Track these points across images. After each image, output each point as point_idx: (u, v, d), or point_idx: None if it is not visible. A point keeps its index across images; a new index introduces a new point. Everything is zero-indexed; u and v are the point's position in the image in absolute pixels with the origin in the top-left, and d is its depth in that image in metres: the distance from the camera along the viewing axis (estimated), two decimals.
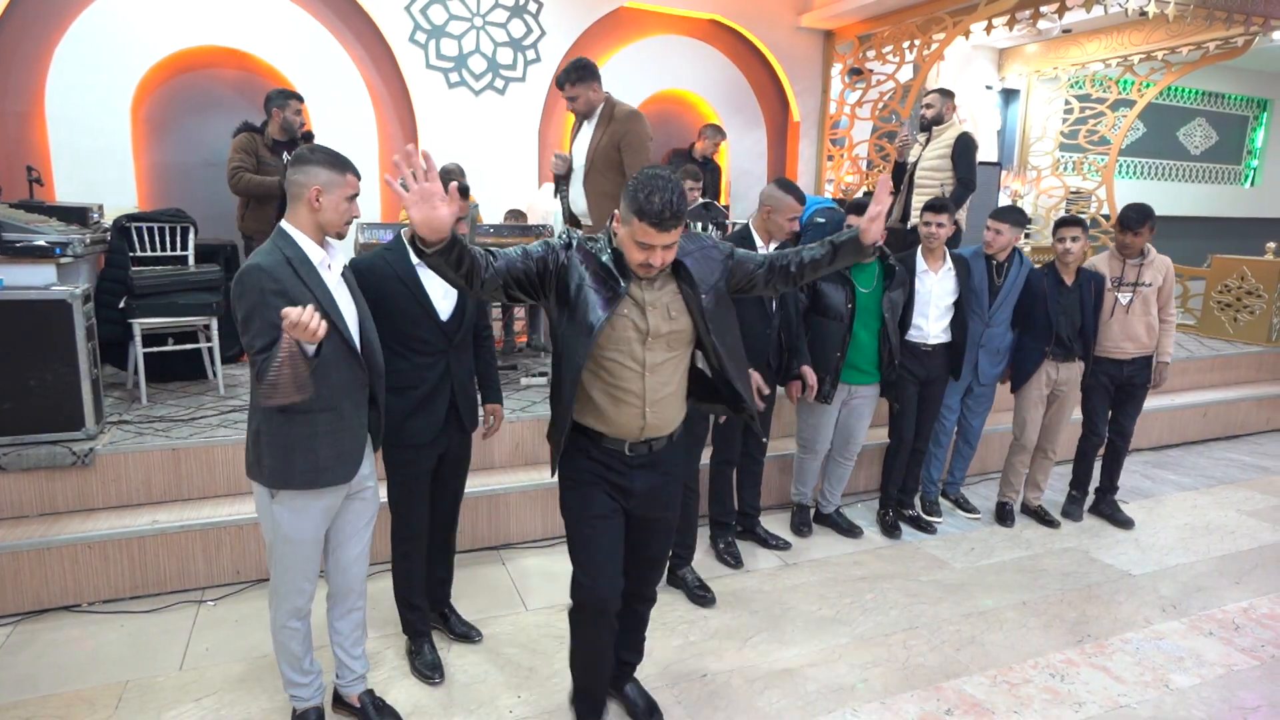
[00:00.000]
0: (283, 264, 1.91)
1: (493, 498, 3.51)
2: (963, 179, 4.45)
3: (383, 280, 2.29)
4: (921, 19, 5.99)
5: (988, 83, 8.41)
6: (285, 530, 2.04)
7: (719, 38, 6.54)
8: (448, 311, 2.39)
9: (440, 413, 2.43)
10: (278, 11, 5.04)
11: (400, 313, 2.32)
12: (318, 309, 1.83)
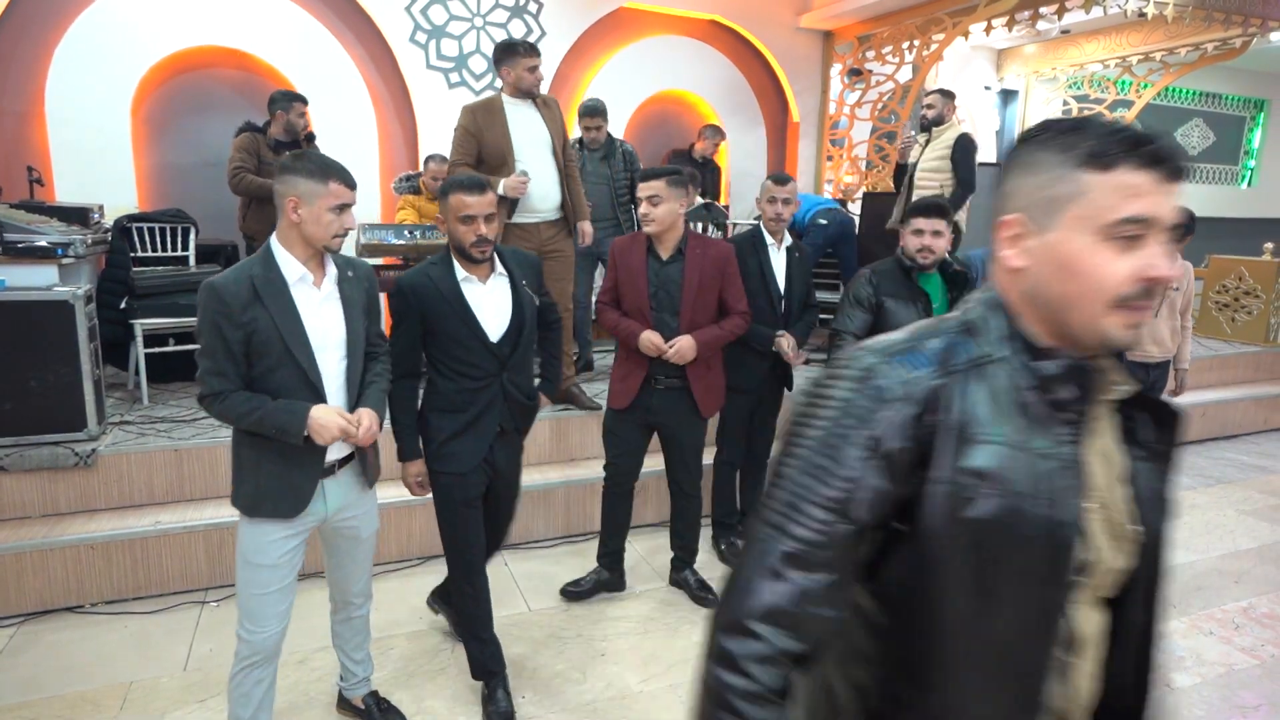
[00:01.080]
0: (243, 283, 1.79)
1: None
2: (963, 180, 4.45)
3: (426, 299, 2.15)
4: (921, 20, 6.00)
5: (986, 83, 8.42)
6: (244, 549, 1.94)
7: (718, 38, 6.54)
8: (499, 332, 2.23)
9: (486, 439, 2.28)
10: (278, 11, 5.03)
11: (446, 334, 2.18)
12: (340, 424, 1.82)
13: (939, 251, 2.76)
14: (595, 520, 3.67)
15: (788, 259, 3.25)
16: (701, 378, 2.90)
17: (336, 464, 1.98)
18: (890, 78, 6.43)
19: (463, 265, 2.20)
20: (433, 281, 2.16)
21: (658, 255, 2.82)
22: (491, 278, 2.25)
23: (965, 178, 4.47)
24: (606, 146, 4.47)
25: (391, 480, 3.51)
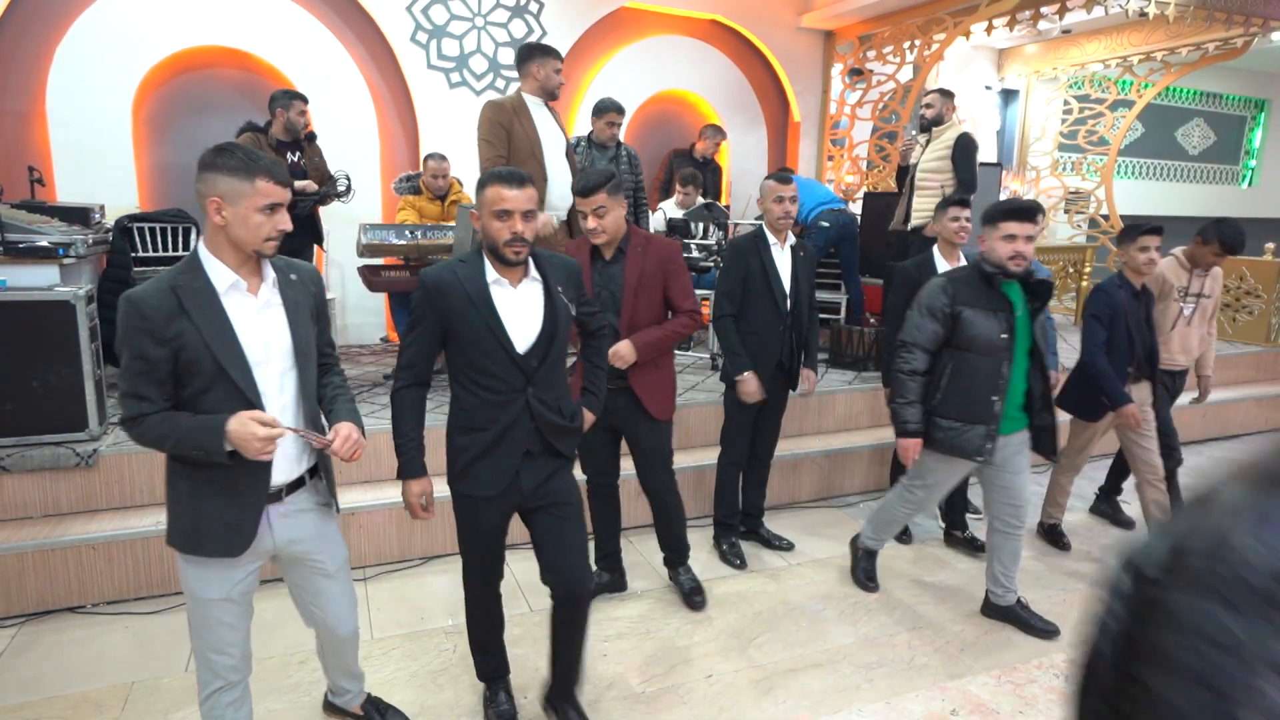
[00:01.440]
0: (165, 295, 1.60)
1: None
2: (963, 180, 4.43)
3: (450, 298, 1.94)
4: (922, 19, 6.00)
5: (987, 83, 8.42)
6: (189, 586, 1.77)
7: (720, 38, 6.54)
8: (526, 343, 1.98)
9: (511, 463, 2.03)
10: (279, 11, 5.04)
11: (469, 340, 1.96)
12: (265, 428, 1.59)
13: (1031, 258, 2.57)
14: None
15: (793, 258, 3.19)
16: (644, 379, 2.75)
17: (284, 489, 1.78)
18: (891, 77, 6.43)
19: (495, 266, 1.98)
20: (459, 280, 1.95)
21: (602, 255, 2.72)
22: (524, 282, 2.01)
23: (966, 178, 4.44)
24: (614, 149, 4.47)
25: (390, 480, 3.53)
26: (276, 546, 1.82)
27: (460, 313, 1.94)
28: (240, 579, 1.78)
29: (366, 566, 3.32)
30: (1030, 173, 8.39)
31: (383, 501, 3.34)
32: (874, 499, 4.17)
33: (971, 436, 2.67)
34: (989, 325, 2.59)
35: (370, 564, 3.33)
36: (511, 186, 1.91)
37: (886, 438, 4.38)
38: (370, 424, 3.59)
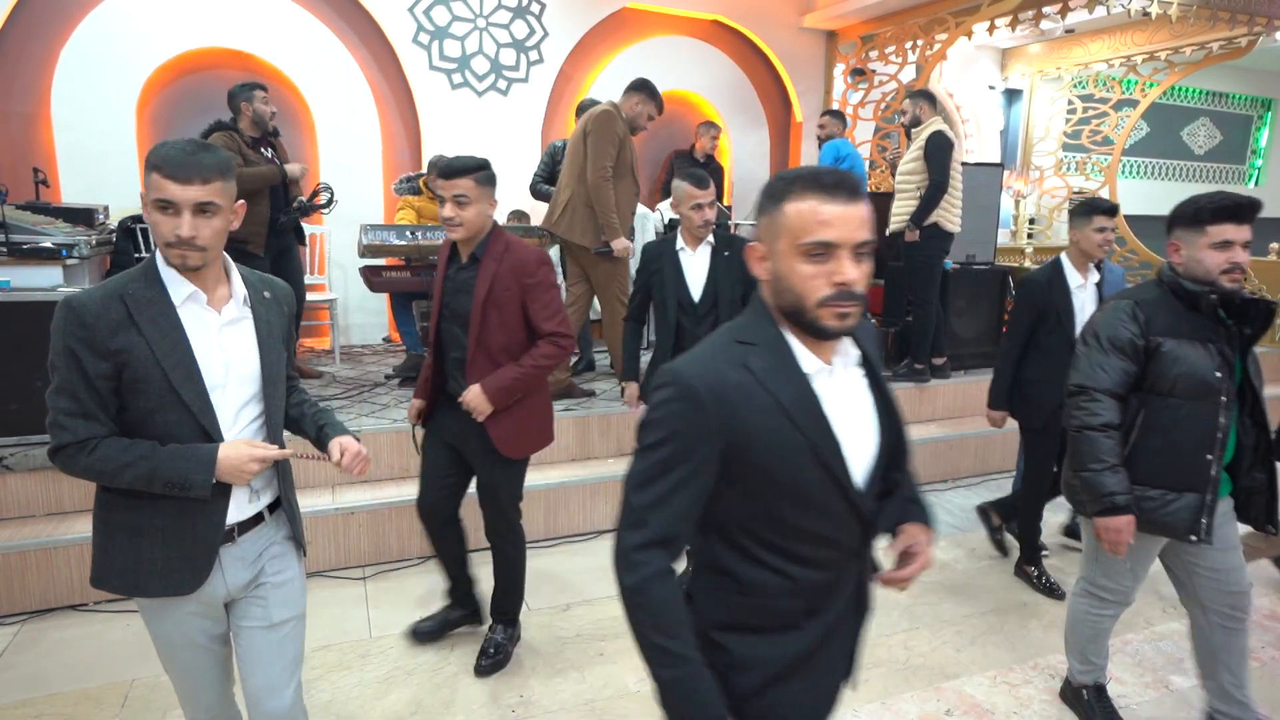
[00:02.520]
0: (112, 301, 1.41)
1: None
2: (933, 179, 4.34)
3: (749, 412, 1.09)
4: (924, 19, 5.99)
5: (991, 83, 8.39)
6: (149, 627, 1.57)
7: (721, 38, 6.55)
8: (864, 470, 1.16)
9: (832, 683, 1.27)
10: (282, 13, 5.07)
11: (779, 479, 1.11)
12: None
13: (1248, 269, 2.01)
14: (599, 520, 3.70)
15: (713, 261, 2.94)
16: (499, 413, 2.36)
17: (237, 529, 1.54)
18: (893, 78, 6.42)
19: (806, 342, 1.14)
20: (756, 378, 1.10)
21: (459, 258, 2.39)
22: (839, 361, 1.17)
23: (936, 177, 4.32)
24: None
25: (390, 479, 3.56)
26: (230, 592, 1.56)
27: (769, 432, 1.09)
28: (205, 626, 1.57)
29: (366, 565, 3.34)
30: (1034, 172, 8.37)
31: (382, 501, 3.36)
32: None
33: (1180, 509, 2.01)
34: (1199, 360, 1.97)
35: (369, 563, 3.35)
36: (838, 200, 1.06)
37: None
38: (370, 424, 3.62)
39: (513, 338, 2.36)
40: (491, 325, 2.33)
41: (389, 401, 4.03)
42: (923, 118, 4.47)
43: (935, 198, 4.35)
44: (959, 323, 5.02)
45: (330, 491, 3.44)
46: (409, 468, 3.64)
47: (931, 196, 4.35)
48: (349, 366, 4.88)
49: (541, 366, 2.37)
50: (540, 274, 2.35)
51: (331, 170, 5.34)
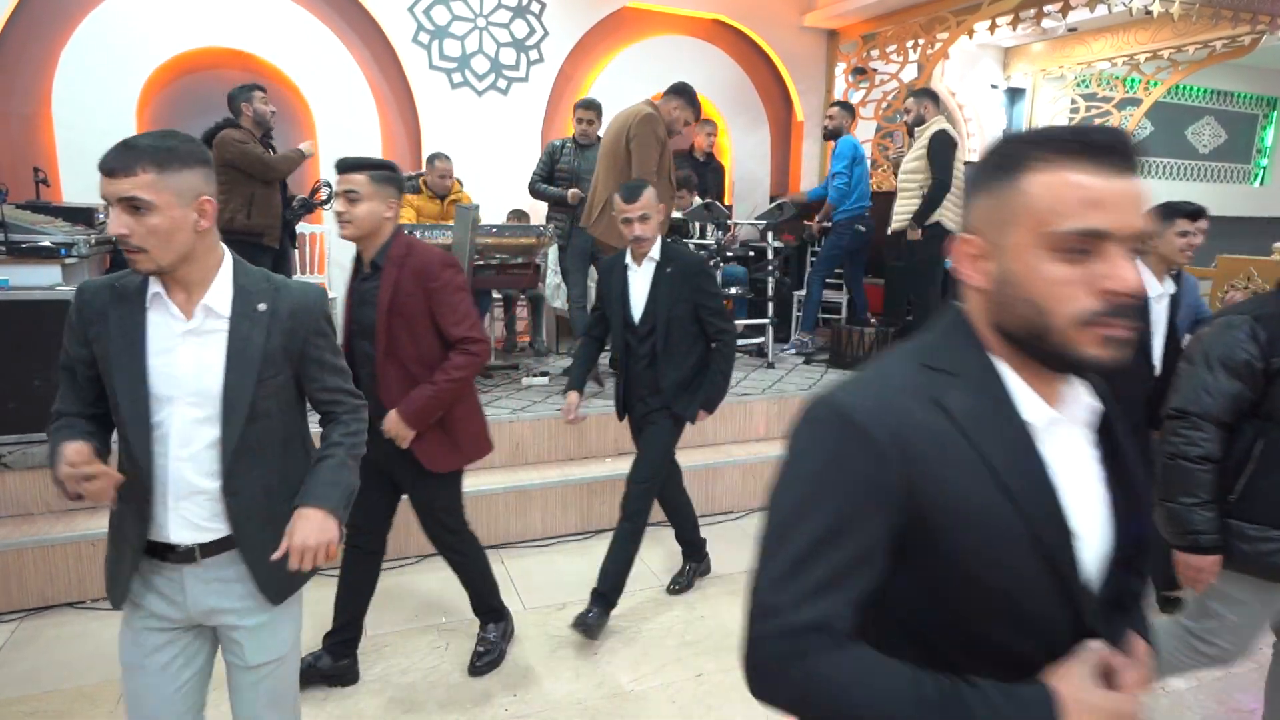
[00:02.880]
0: (103, 289, 1.38)
1: (491, 497, 3.53)
2: (937, 178, 4.35)
3: (944, 466, 0.76)
4: (925, 18, 5.97)
5: (993, 82, 8.37)
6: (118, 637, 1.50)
7: (722, 37, 6.54)
8: (1097, 553, 0.83)
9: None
10: (281, 13, 5.08)
11: (976, 568, 0.76)
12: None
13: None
14: (595, 519, 3.70)
15: (655, 277, 2.72)
16: (423, 430, 2.24)
17: (199, 550, 1.41)
18: (894, 76, 6.41)
19: (1033, 381, 0.82)
20: (955, 423, 0.78)
21: (363, 268, 2.25)
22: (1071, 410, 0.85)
23: (939, 176, 4.34)
24: (596, 144, 4.49)
25: None
26: (192, 614, 1.44)
27: (968, 501, 0.76)
28: (160, 645, 1.45)
29: None
30: None
31: None
32: None
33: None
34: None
35: None
36: (1111, 170, 0.74)
37: None
38: None
39: (425, 347, 2.21)
40: (399, 336, 2.17)
41: None
42: (926, 116, 4.46)
43: (939, 197, 4.36)
44: None
45: None
46: None
47: (935, 196, 4.35)
48: None
49: (457, 380, 2.21)
50: (445, 277, 2.19)
51: (331, 169, 5.34)
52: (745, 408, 4.26)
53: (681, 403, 2.75)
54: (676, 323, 2.70)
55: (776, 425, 4.33)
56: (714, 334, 2.76)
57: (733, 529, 3.79)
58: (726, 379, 2.81)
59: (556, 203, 4.46)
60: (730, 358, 2.80)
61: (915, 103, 4.49)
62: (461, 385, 2.24)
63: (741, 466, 3.97)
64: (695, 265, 2.73)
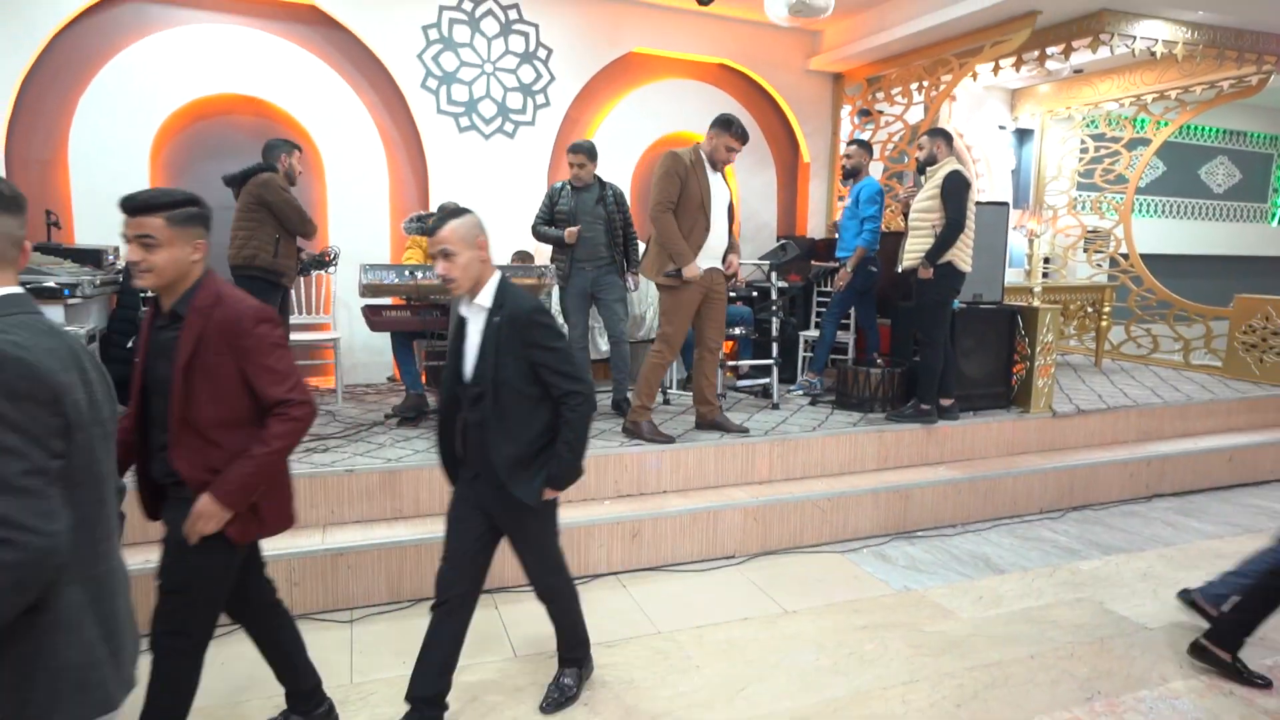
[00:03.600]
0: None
1: None
2: (950, 219, 4.33)
3: None
4: (928, 61, 6.03)
5: (1001, 122, 8.40)
6: None
7: (728, 81, 6.63)
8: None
9: None
10: (293, 60, 5.21)
11: None
12: None
13: None
14: (593, 563, 3.62)
15: (485, 329, 2.24)
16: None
17: None
18: (899, 118, 6.44)
19: None
20: None
21: (160, 313, 1.93)
22: None
23: (953, 216, 4.33)
24: (598, 188, 4.51)
25: (382, 520, 3.52)
26: None
27: None
28: None
29: (354, 608, 3.28)
30: (1047, 211, 8.31)
31: (373, 542, 3.32)
32: (879, 543, 4.05)
33: None
34: None
35: (359, 605, 3.30)
36: None
37: (892, 481, 4.28)
38: (364, 463, 3.58)
39: (229, 410, 1.90)
40: (199, 397, 1.86)
41: (385, 441, 4.01)
42: (939, 156, 4.46)
43: (952, 237, 4.33)
44: (967, 363, 4.93)
45: (320, 531, 3.41)
46: (402, 508, 3.61)
47: (948, 235, 4.33)
48: (351, 405, 4.89)
49: (278, 450, 1.92)
50: (259, 332, 1.90)
51: (339, 211, 5.42)
52: (748, 449, 4.20)
53: (518, 482, 2.24)
54: (506, 386, 2.21)
55: (780, 467, 4.26)
56: (560, 396, 2.23)
57: (734, 574, 3.70)
58: (577, 452, 2.28)
59: (556, 244, 4.48)
60: (583, 424, 2.26)
61: (929, 141, 4.49)
62: (283, 455, 1.96)
63: (743, 509, 3.89)
64: (524, 314, 2.20)
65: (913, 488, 4.29)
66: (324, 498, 3.50)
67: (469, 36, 5.57)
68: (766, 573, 3.72)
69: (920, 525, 4.31)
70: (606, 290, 4.53)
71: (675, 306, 4.04)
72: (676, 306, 4.04)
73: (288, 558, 3.16)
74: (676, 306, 4.04)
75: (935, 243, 4.36)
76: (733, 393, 5.37)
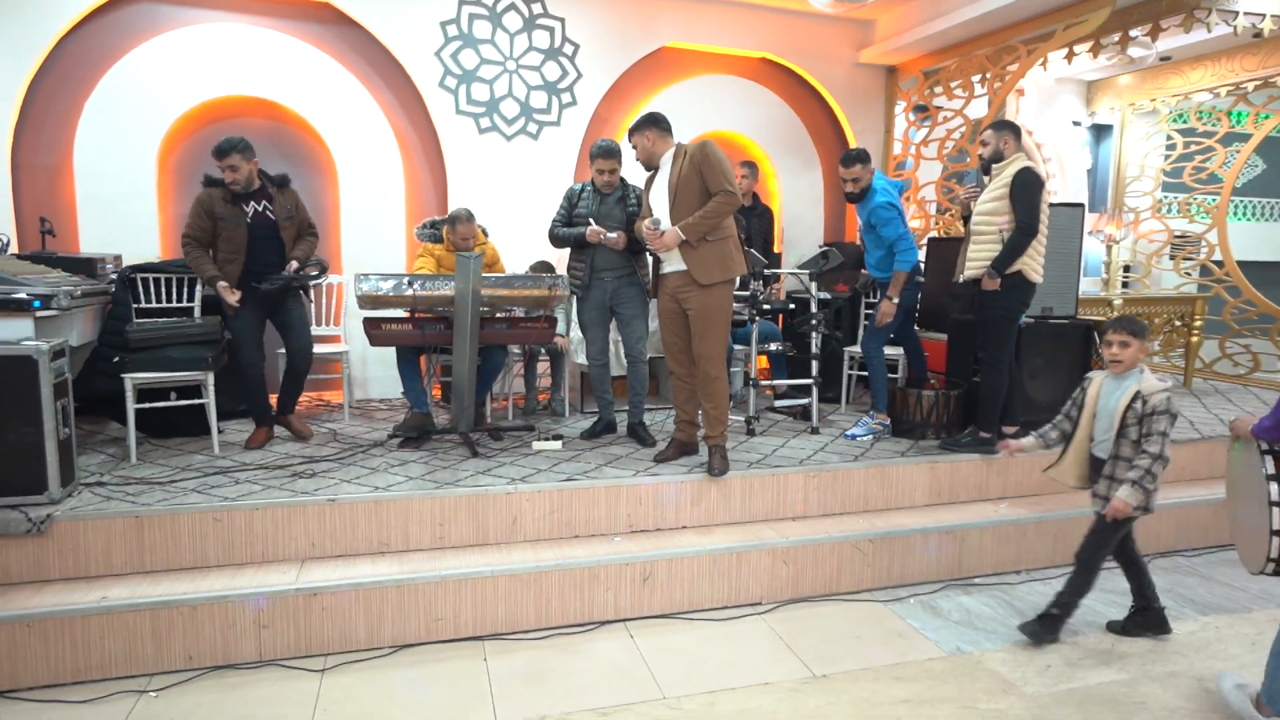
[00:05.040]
0: None
1: (477, 581, 3.10)
2: (1021, 222, 3.77)
3: None
4: (992, 49, 5.46)
5: (1075, 118, 7.70)
6: None
7: (770, 76, 6.18)
8: None
9: None
10: (305, 59, 4.99)
11: None
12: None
13: None
14: (598, 608, 3.23)
15: None
16: None
17: None
18: (959, 113, 5.88)
19: None
20: None
21: None
22: None
23: (1023, 219, 3.76)
24: (620, 188, 4.14)
25: (365, 554, 3.19)
26: None
27: None
28: None
29: (329, 654, 2.96)
30: (1128, 215, 7.57)
31: (352, 580, 2.99)
32: (929, 592, 3.54)
33: None
34: None
35: (334, 651, 2.97)
36: None
37: (945, 519, 3.76)
38: (348, 492, 3.26)
39: None
40: None
41: (379, 466, 3.70)
42: (1006, 152, 3.90)
43: (1023, 243, 3.78)
44: (1035, 385, 4.36)
45: (297, 567, 3.10)
46: (389, 541, 3.28)
47: (1019, 241, 3.77)
48: (357, 423, 4.61)
49: None
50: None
51: (352, 218, 5.19)
52: (780, 481, 3.74)
53: None
54: None
55: (816, 502, 3.79)
56: None
57: (758, 625, 3.25)
58: None
59: (575, 244, 4.10)
60: None
61: (994, 135, 3.93)
62: None
63: (771, 550, 3.44)
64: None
65: (969, 528, 3.75)
66: (303, 530, 3.20)
67: (490, 32, 5.28)
68: (796, 624, 3.26)
69: (978, 572, 3.77)
70: (626, 304, 4.13)
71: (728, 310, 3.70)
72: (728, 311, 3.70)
73: (255, 597, 2.87)
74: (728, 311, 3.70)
75: (1003, 249, 3.83)
76: (769, 414, 4.90)
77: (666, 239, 3.52)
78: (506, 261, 4.98)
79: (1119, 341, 2.91)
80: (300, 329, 4.05)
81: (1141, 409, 2.86)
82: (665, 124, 3.71)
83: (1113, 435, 2.95)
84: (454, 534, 3.36)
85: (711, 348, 3.62)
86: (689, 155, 3.58)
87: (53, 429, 2.99)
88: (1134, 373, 2.94)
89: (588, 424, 4.41)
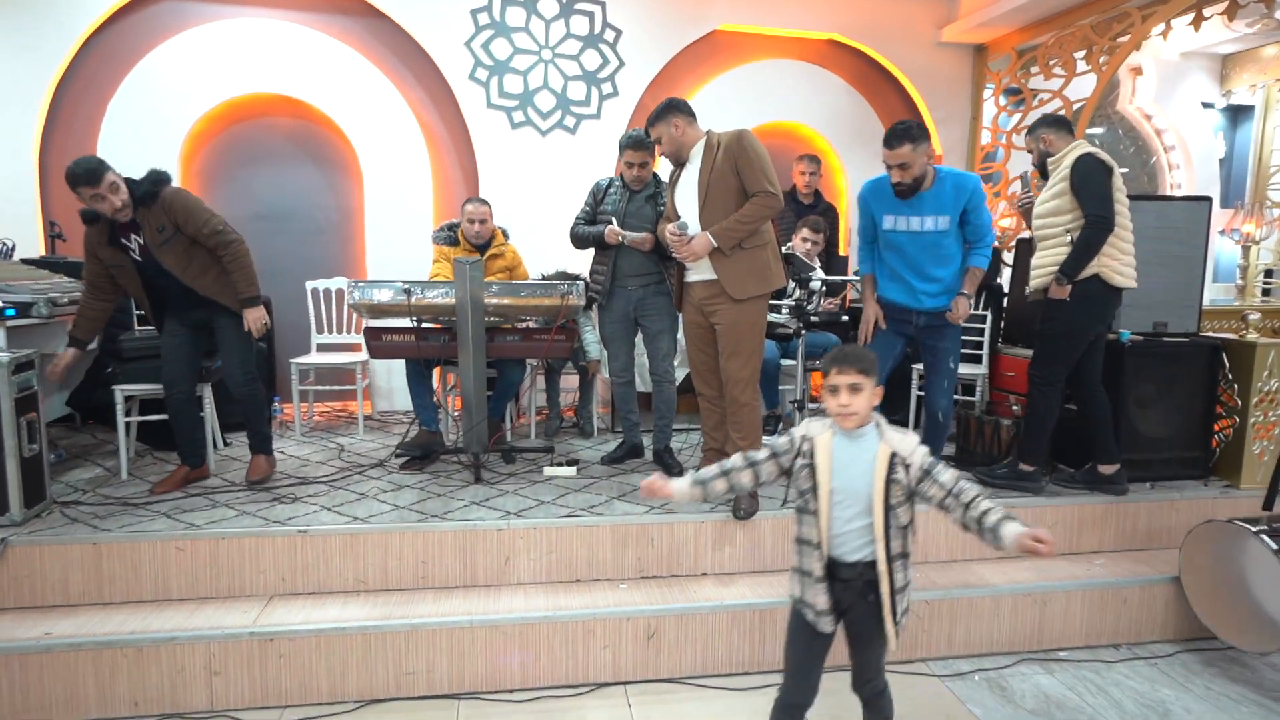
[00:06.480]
0: None
1: (454, 631, 2.72)
2: (1090, 215, 3.08)
3: None
4: (1098, 17, 4.67)
5: (1205, 99, 6.69)
6: None
7: (836, 60, 5.57)
8: None
9: None
10: (329, 54, 4.78)
11: None
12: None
13: None
14: (593, 669, 2.79)
15: None
16: None
17: None
18: (1057, 93, 5.11)
19: None
20: None
21: None
22: None
23: (1092, 211, 3.09)
24: (652, 183, 3.67)
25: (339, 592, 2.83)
26: None
27: None
28: None
29: (286, 706, 2.64)
30: (1270, 211, 6.49)
31: (313, 626, 2.67)
32: (998, 667, 2.91)
33: None
34: None
35: (292, 703, 2.66)
36: None
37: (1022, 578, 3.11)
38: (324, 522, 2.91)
39: None
40: None
41: (371, 490, 3.38)
42: (1052, 150, 3.31)
43: (1096, 239, 3.13)
44: (1144, 417, 3.63)
45: (260, 606, 2.80)
46: (366, 578, 2.95)
47: (1091, 238, 3.13)
48: (371, 438, 4.35)
49: None
50: None
51: (377, 219, 4.94)
52: None
53: None
54: None
55: None
56: None
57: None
58: None
59: (595, 244, 3.67)
60: None
61: (1031, 140, 3.37)
62: None
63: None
64: None
65: (1053, 590, 3.10)
66: (272, 562, 2.90)
67: (524, 20, 4.92)
68: (830, 700, 2.70)
69: (1062, 644, 3.11)
70: (652, 315, 3.66)
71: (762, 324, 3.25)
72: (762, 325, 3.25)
73: (207, 640, 2.58)
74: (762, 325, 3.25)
75: (1073, 250, 3.18)
76: None
77: (696, 246, 3.04)
78: (542, 267, 4.61)
79: (847, 385, 1.87)
80: (227, 351, 3.36)
81: (907, 476, 1.89)
82: (690, 110, 3.24)
83: (877, 522, 1.89)
84: (438, 573, 2.99)
85: (741, 368, 3.12)
86: (723, 147, 3.11)
87: (14, 447, 2.81)
88: (869, 427, 1.93)
89: (609, 448, 3.98)
